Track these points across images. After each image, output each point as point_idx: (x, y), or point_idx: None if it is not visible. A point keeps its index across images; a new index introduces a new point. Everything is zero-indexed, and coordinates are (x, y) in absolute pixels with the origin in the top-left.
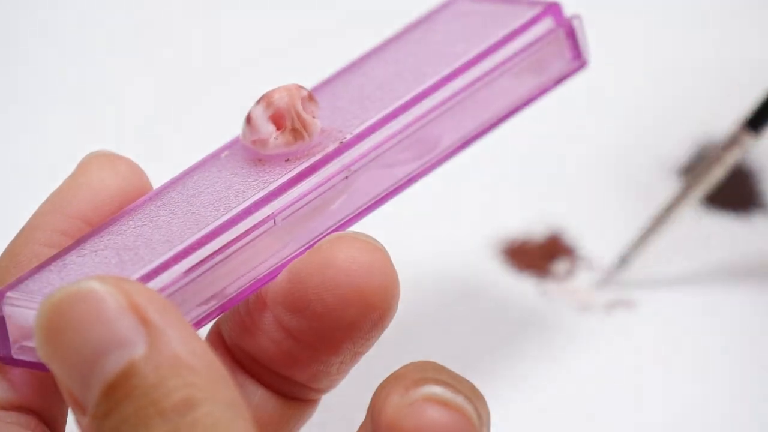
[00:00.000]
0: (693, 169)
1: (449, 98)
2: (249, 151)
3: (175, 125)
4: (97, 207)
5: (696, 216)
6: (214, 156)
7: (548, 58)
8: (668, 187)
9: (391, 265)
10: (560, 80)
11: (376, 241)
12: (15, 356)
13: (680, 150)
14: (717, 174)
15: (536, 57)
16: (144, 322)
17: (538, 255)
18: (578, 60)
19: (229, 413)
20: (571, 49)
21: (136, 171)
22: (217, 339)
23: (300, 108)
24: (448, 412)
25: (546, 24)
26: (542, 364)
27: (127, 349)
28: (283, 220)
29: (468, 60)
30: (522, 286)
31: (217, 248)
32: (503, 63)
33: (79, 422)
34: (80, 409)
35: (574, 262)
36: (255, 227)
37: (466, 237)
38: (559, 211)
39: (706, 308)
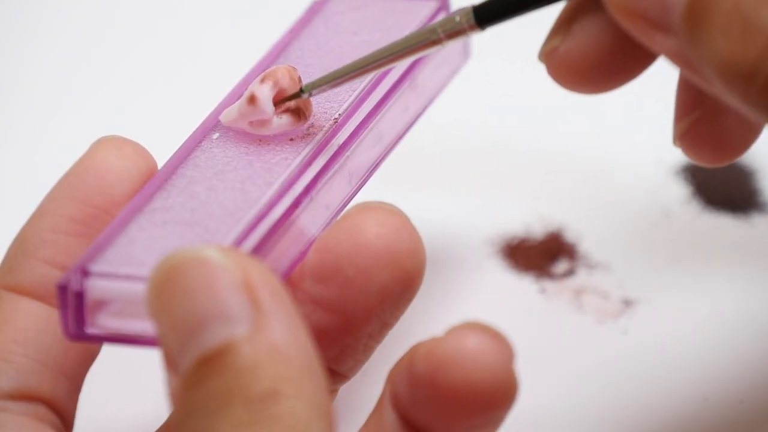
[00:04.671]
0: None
1: (398, 82)
2: (245, 133)
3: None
4: (104, 191)
5: (696, 216)
6: (204, 136)
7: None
8: (668, 187)
9: (416, 230)
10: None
11: (399, 208)
12: (89, 331)
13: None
14: (410, 46)
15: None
16: (254, 302)
17: (538, 254)
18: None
19: (311, 413)
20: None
21: (142, 153)
22: None
23: (297, 89)
24: (489, 337)
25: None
26: (541, 364)
27: (231, 326)
28: (317, 194)
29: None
30: (522, 285)
31: (277, 218)
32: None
33: (168, 379)
34: (174, 369)
35: (574, 261)
36: (299, 201)
37: (466, 236)
38: (559, 210)
39: (706, 308)
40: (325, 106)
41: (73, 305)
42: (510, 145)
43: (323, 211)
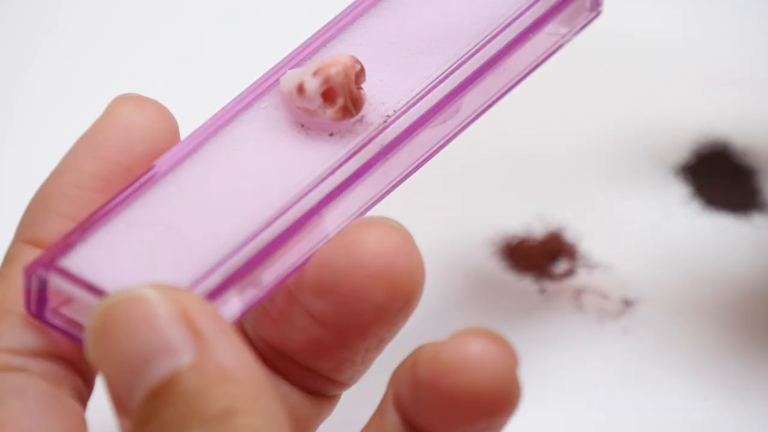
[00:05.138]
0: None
1: (490, 65)
2: (292, 111)
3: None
4: (127, 149)
5: (696, 216)
6: (250, 103)
7: (572, 11)
8: (668, 187)
9: (417, 248)
10: (579, 30)
11: (401, 224)
12: (48, 319)
13: (680, 150)
14: None
15: (566, 12)
16: (193, 331)
17: (538, 254)
18: (595, 10)
19: (268, 426)
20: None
21: (164, 113)
22: (240, 333)
23: (353, 85)
24: (493, 343)
25: None
26: (541, 363)
27: (175, 357)
28: (327, 212)
29: (505, 24)
30: (522, 285)
31: (263, 244)
32: (538, 22)
33: (121, 425)
34: (124, 412)
35: (574, 261)
36: (300, 221)
37: (466, 236)
38: (559, 210)
39: (706, 308)
40: (388, 96)
41: (36, 291)
42: (510, 144)
43: (328, 226)
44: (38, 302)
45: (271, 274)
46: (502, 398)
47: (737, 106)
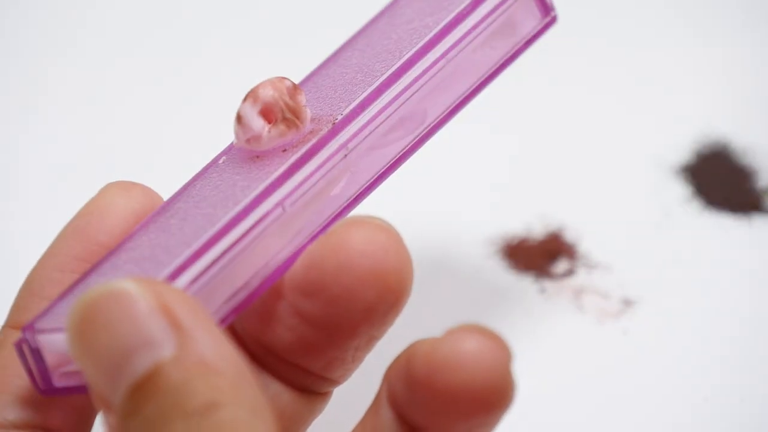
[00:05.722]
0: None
1: (430, 67)
2: (245, 152)
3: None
4: (112, 230)
5: (696, 216)
6: (213, 163)
7: (519, 19)
8: (668, 187)
9: (405, 246)
10: (532, 40)
11: (389, 223)
12: (57, 384)
13: (680, 150)
14: None
15: (505, 18)
16: (174, 324)
17: (538, 254)
18: (547, 16)
19: (252, 418)
20: (540, 6)
21: (149, 194)
22: (230, 333)
23: (287, 98)
24: (487, 339)
25: None
26: (541, 364)
27: (156, 350)
28: (291, 205)
29: (442, 28)
30: (522, 284)
31: (232, 241)
32: (474, 28)
33: (105, 420)
34: (107, 408)
35: (574, 261)
36: (265, 216)
37: (466, 236)
38: (559, 210)
39: (706, 308)
40: (332, 107)
41: (34, 362)
42: (510, 144)
43: (301, 224)
44: (40, 372)
45: (254, 274)
46: (497, 394)
47: (737, 106)
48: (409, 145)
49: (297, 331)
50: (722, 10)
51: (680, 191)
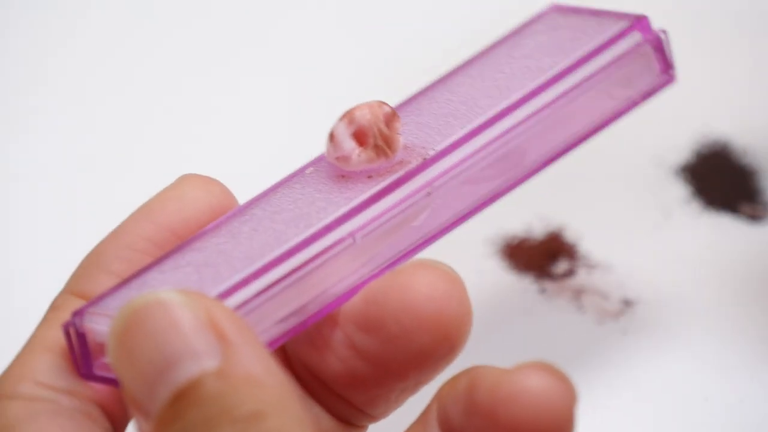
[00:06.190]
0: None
1: (535, 113)
2: (333, 168)
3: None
4: (186, 219)
5: (696, 216)
6: (299, 172)
7: (636, 73)
8: (668, 187)
9: (468, 298)
10: (648, 95)
11: (455, 271)
12: (96, 372)
13: (680, 150)
14: None
15: (624, 71)
16: (220, 337)
17: (538, 254)
18: (666, 74)
19: (298, 428)
20: (660, 63)
21: (227, 194)
22: (279, 353)
23: (382, 125)
24: (556, 379)
25: (634, 38)
26: None
27: (200, 361)
28: (362, 237)
29: (555, 74)
30: (522, 284)
31: (296, 265)
32: (590, 77)
33: (139, 426)
34: (143, 415)
35: (574, 261)
36: (335, 244)
37: (466, 236)
38: (559, 210)
39: (706, 308)
40: (428, 138)
41: (78, 346)
42: None
43: (369, 257)
44: (83, 357)
45: (312, 300)
46: None
47: (737, 106)
48: (500, 188)
49: (347, 363)
50: (722, 10)
51: (680, 191)
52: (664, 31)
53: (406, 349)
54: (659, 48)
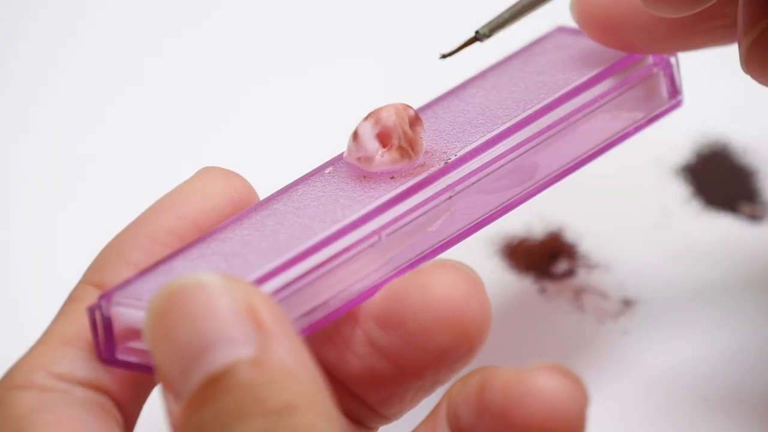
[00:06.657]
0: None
1: (550, 127)
2: (354, 168)
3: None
4: (207, 212)
5: (696, 216)
6: (318, 171)
7: (646, 95)
8: (668, 187)
9: (488, 299)
10: (655, 118)
11: (476, 272)
12: (119, 357)
13: (680, 150)
14: None
15: (635, 93)
16: (258, 326)
17: (538, 254)
18: (674, 98)
19: (328, 424)
20: (669, 87)
21: (248, 187)
22: None
23: (407, 127)
24: (569, 381)
25: (646, 61)
26: None
27: (237, 348)
28: (387, 235)
29: (570, 90)
30: (522, 284)
31: (325, 258)
32: (603, 96)
33: (169, 407)
34: (175, 395)
35: (574, 261)
36: (361, 240)
37: None
38: (559, 210)
39: (706, 308)
40: (447, 144)
41: (102, 330)
42: None
43: (392, 255)
44: (106, 341)
45: (335, 295)
46: None
47: (737, 106)
48: (515, 198)
49: (366, 360)
50: None
51: (680, 191)
52: (675, 56)
53: (424, 348)
54: (669, 72)
